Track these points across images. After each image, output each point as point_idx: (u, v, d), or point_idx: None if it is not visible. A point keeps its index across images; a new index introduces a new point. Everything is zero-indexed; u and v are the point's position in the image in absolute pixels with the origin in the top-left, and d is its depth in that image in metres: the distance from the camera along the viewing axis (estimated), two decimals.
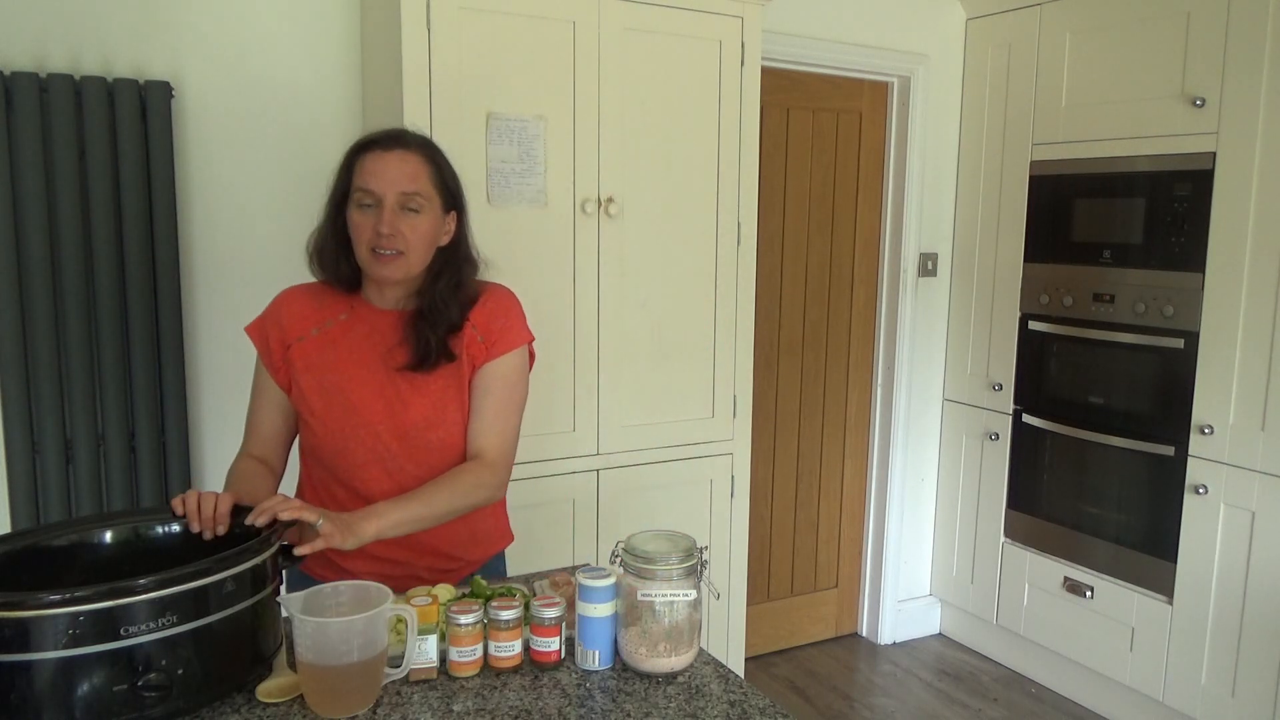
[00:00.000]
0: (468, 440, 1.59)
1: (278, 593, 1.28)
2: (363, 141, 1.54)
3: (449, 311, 1.55)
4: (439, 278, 1.56)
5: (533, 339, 1.65)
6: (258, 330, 1.61)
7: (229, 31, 2.40)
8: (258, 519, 1.30)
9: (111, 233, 2.24)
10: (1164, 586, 2.85)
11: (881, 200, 3.46)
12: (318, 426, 1.57)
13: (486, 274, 1.65)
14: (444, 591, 1.42)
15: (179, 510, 1.34)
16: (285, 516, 1.31)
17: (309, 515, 1.33)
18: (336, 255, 1.55)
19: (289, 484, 1.69)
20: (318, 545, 1.32)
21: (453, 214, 1.58)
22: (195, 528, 1.33)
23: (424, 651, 1.28)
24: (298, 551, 1.31)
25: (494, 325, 1.58)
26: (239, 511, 1.36)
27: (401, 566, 1.59)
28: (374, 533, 1.40)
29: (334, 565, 1.59)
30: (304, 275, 2.62)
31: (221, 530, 1.33)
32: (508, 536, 1.76)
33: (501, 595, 1.38)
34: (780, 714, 1.22)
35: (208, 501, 1.34)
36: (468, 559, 1.67)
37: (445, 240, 1.57)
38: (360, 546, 1.39)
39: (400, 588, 1.50)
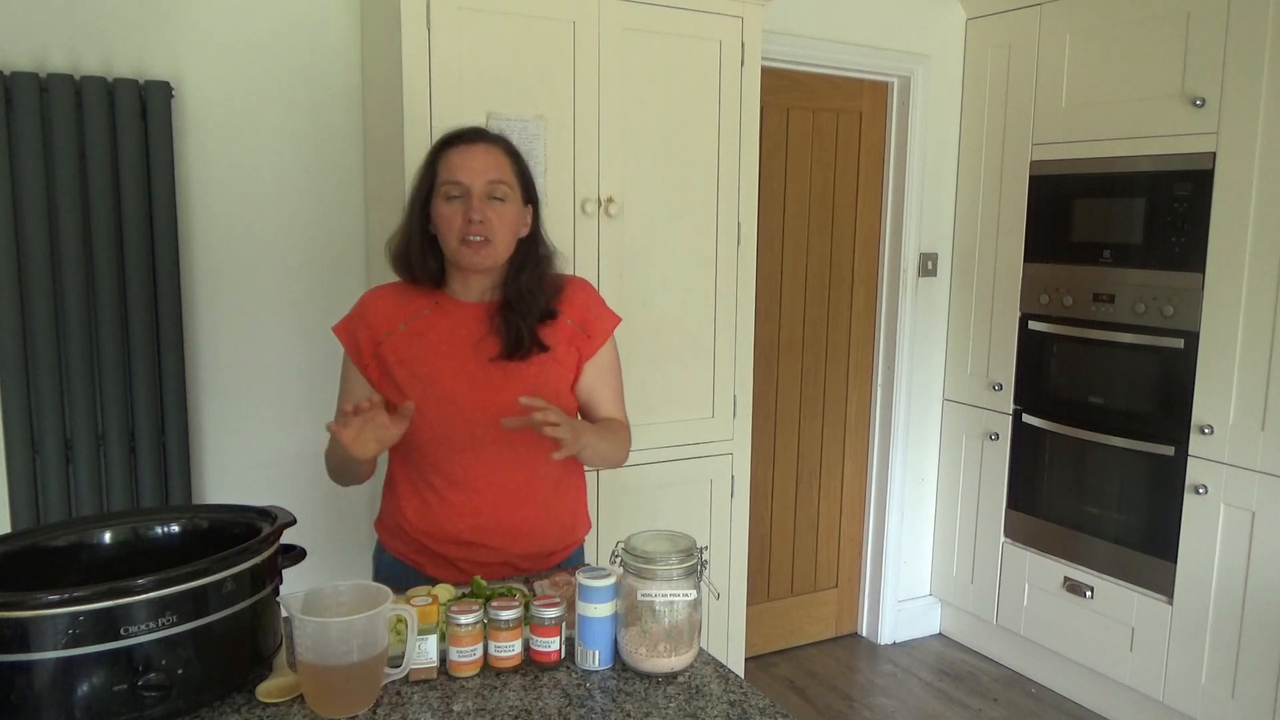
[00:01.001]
0: (598, 414, 1.71)
1: (277, 592, 1.28)
2: (446, 138, 1.61)
3: (537, 301, 1.62)
4: (522, 269, 1.63)
5: (620, 320, 1.74)
6: (346, 330, 1.68)
7: (229, 31, 2.40)
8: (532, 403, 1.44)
9: (111, 233, 2.24)
10: (1164, 586, 2.85)
11: (881, 200, 3.46)
12: (415, 416, 1.60)
13: (563, 268, 1.73)
14: (444, 591, 1.42)
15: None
16: (551, 418, 1.43)
17: (557, 423, 1.44)
18: (424, 250, 1.61)
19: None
20: (563, 453, 1.45)
21: (529, 207, 1.65)
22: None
23: (424, 651, 1.28)
24: (557, 455, 1.45)
25: (589, 316, 1.68)
26: (235, 511, 1.39)
27: (496, 553, 1.63)
28: (585, 442, 1.52)
29: (428, 550, 1.65)
30: (303, 275, 2.63)
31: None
32: (587, 523, 1.81)
33: (501, 595, 1.38)
34: (780, 714, 1.22)
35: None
36: (558, 546, 1.71)
37: (524, 232, 1.64)
38: (577, 452, 1.51)
39: (492, 575, 1.59)
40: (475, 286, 1.63)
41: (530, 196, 1.64)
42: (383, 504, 1.75)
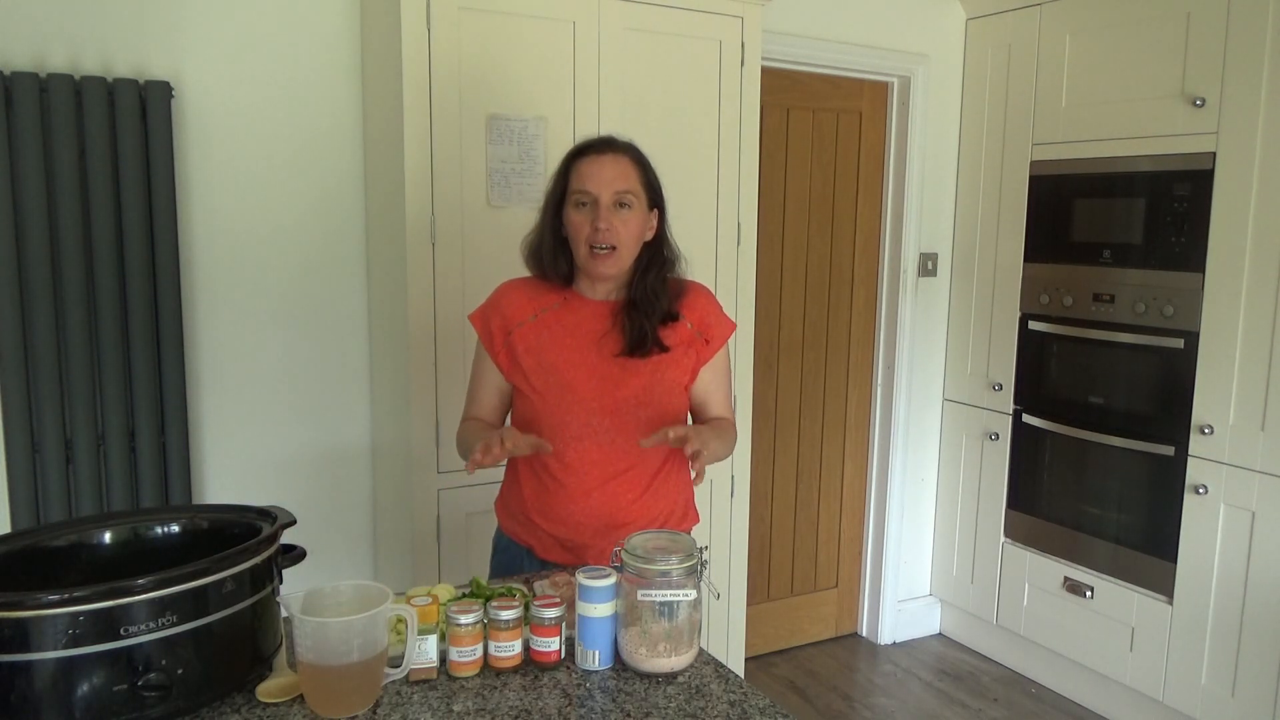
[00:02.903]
0: (709, 414, 1.80)
1: (277, 592, 1.28)
2: (578, 148, 1.72)
3: (660, 302, 1.71)
4: (648, 271, 1.72)
5: (735, 326, 1.86)
6: (480, 318, 1.78)
7: (229, 31, 2.40)
8: (670, 435, 1.55)
9: (111, 233, 2.24)
10: (1164, 586, 2.85)
11: (881, 200, 3.46)
12: (538, 401, 1.71)
13: (686, 272, 1.80)
14: (444, 591, 1.42)
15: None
16: (690, 437, 1.54)
17: (693, 441, 1.54)
18: (555, 252, 1.71)
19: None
20: (700, 466, 1.53)
21: (655, 211, 1.73)
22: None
23: (424, 651, 1.29)
24: (699, 482, 1.57)
25: (709, 322, 1.77)
26: (234, 511, 1.40)
27: (603, 534, 1.70)
28: (701, 442, 1.58)
29: (541, 531, 1.73)
30: (303, 275, 2.62)
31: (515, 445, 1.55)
32: (697, 516, 1.91)
33: (501, 595, 1.38)
34: (780, 714, 1.22)
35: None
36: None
37: (649, 236, 1.72)
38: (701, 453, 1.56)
39: (603, 561, 1.62)
40: (601, 287, 1.73)
41: (656, 201, 1.72)
42: (503, 484, 1.85)
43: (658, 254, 1.73)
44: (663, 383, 1.71)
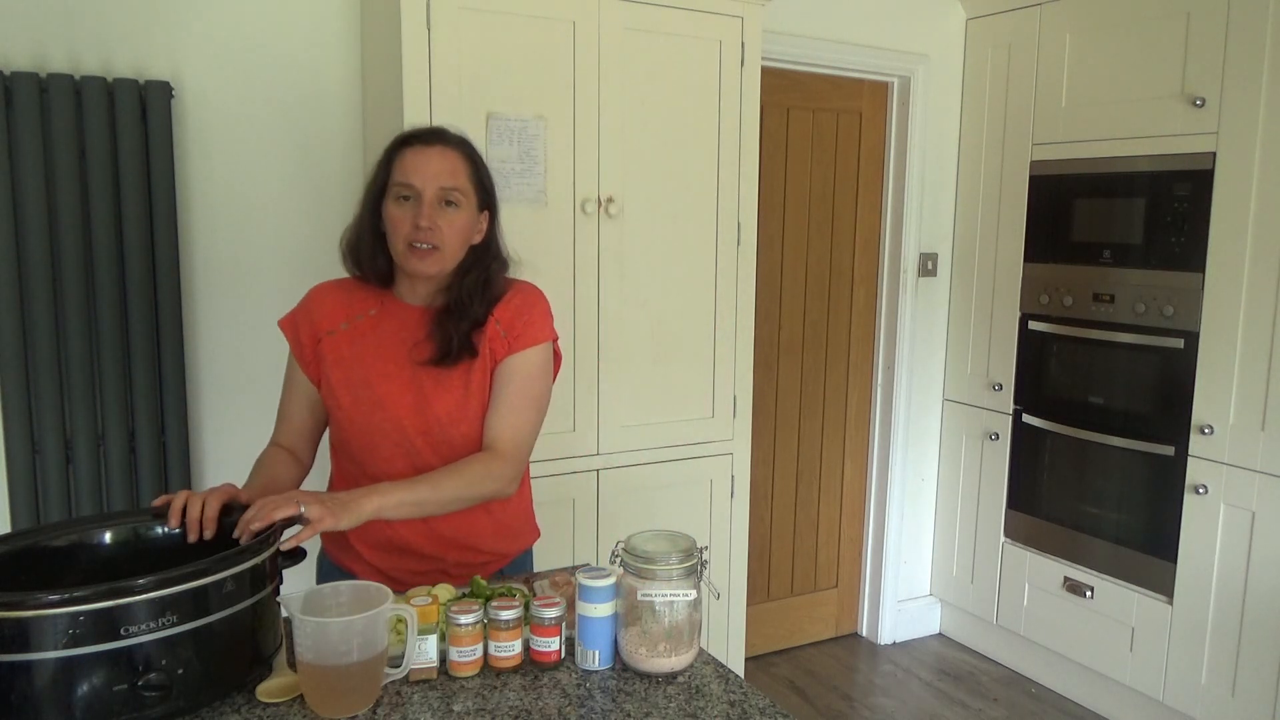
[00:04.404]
0: (484, 432, 1.59)
1: (278, 592, 1.28)
2: (403, 137, 1.56)
3: (473, 307, 1.56)
4: (467, 274, 1.57)
5: (556, 337, 1.66)
6: (290, 324, 1.64)
7: (229, 31, 2.40)
8: (241, 535, 1.26)
9: (111, 233, 2.24)
10: (1164, 586, 2.85)
11: (881, 200, 3.46)
12: (345, 420, 1.58)
13: (516, 272, 1.67)
14: (444, 591, 1.42)
15: (163, 510, 1.33)
16: (258, 526, 1.26)
17: (286, 510, 1.28)
18: (374, 249, 1.57)
19: (319, 478, 1.71)
20: (305, 535, 1.29)
21: (485, 213, 1.60)
22: (177, 528, 1.32)
23: (424, 651, 1.28)
24: (285, 546, 1.28)
25: (517, 321, 1.59)
26: (230, 510, 1.36)
27: (430, 561, 1.60)
28: (372, 510, 1.39)
29: (361, 559, 1.61)
30: (303, 275, 2.61)
31: (209, 533, 1.32)
32: (535, 533, 1.77)
33: (501, 595, 1.38)
34: (780, 714, 1.22)
35: (194, 504, 1.33)
36: (495, 552, 1.67)
37: (478, 239, 1.59)
38: (357, 524, 1.37)
39: (430, 582, 1.53)
40: (421, 290, 1.59)
41: (488, 202, 1.59)
42: None
43: (483, 257, 1.58)
44: (477, 395, 1.56)
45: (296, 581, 1.33)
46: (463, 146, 1.57)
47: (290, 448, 1.65)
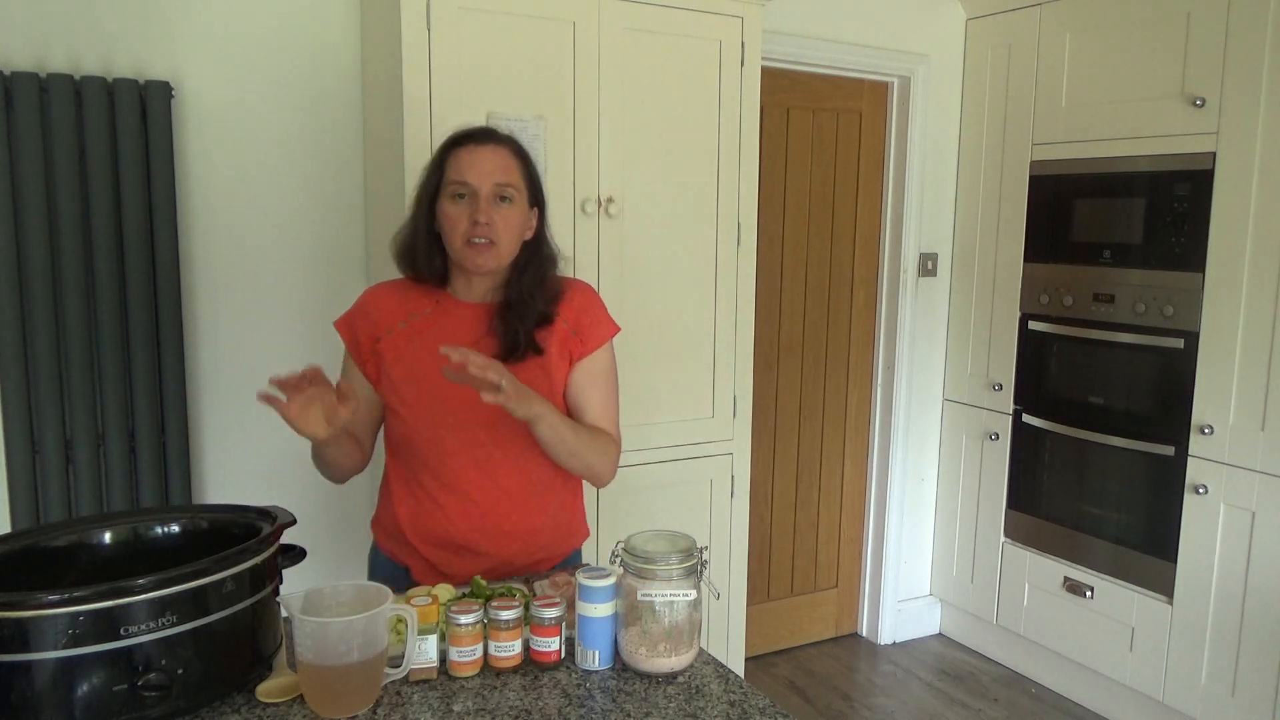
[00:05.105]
0: (583, 422, 1.65)
1: (277, 592, 1.28)
2: (454, 138, 1.60)
3: (535, 304, 1.60)
4: (524, 271, 1.61)
5: (619, 330, 1.71)
6: (346, 325, 1.68)
7: (229, 31, 2.40)
8: (455, 357, 1.37)
9: (111, 233, 2.24)
10: (1164, 586, 2.85)
11: (881, 200, 3.46)
12: (409, 416, 1.60)
13: (564, 270, 1.70)
14: (444, 591, 1.42)
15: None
16: (476, 370, 1.37)
17: (493, 375, 1.38)
18: (429, 249, 1.60)
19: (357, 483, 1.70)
20: (497, 401, 1.39)
21: (535, 209, 1.63)
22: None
23: (424, 651, 1.28)
24: (487, 396, 1.38)
25: (585, 320, 1.64)
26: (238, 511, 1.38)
27: (485, 558, 1.62)
28: (537, 414, 1.48)
29: (417, 553, 1.64)
30: (303, 275, 2.62)
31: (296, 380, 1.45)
32: (586, 531, 1.79)
33: (501, 595, 1.38)
34: (780, 714, 1.22)
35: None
36: (550, 549, 1.69)
37: (529, 235, 1.62)
38: (523, 419, 1.47)
39: (488, 577, 1.58)
40: (478, 287, 1.62)
41: (537, 199, 1.63)
42: (378, 503, 1.75)
43: (536, 253, 1.63)
44: (540, 390, 1.58)
45: (295, 581, 1.33)
46: (512, 144, 1.61)
47: (350, 434, 1.67)
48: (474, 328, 1.60)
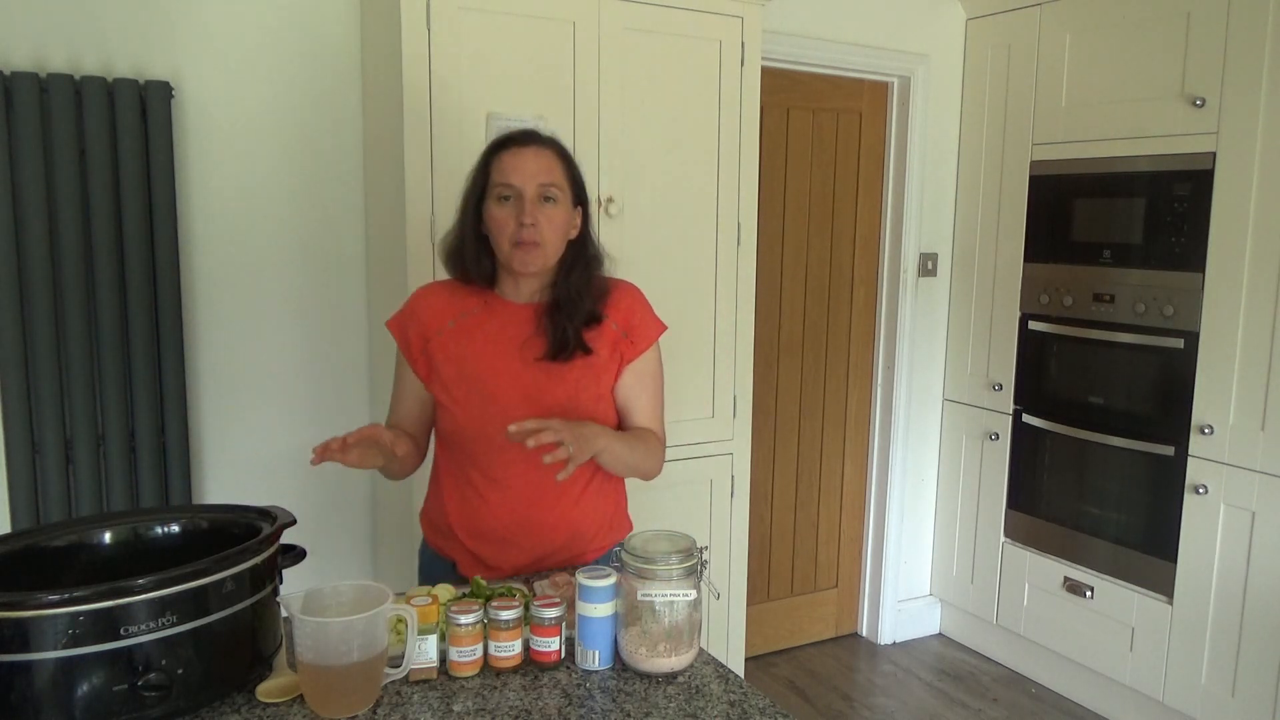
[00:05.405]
0: (632, 422, 1.70)
1: (277, 592, 1.28)
2: (498, 141, 1.63)
3: (583, 303, 1.63)
4: (571, 271, 1.64)
5: (666, 328, 1.74)
6: (397, 325, 1.71)
7: (229, 31, 2.40)
8: (520, 431, 1.44)
9: (111, 233, 2.24)
10: (1164, 586, 2.85)
11: (881, 200, 3.46)
12: (459, 413, 1.63)
13: (612, 270, 1.73)
14: (444, 591, 1.42)
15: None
16: (547, 436, 1.43)
17: (550, 436, 1.43)
18: (477, 251, 1.63)
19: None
20: (570, 469, 1.46)
21: (579, 209, 1.66)
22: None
23: (424, 651, 1.28)
24: (560, 477, 1.47)
25: (633, 321, 1.68)
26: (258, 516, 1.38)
27: (529, 552, 1.65)
28: (600, 448, 1.54)
29: (464, 547, 1.67)
30: (303, 275, 2.62)
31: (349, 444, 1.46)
32: (629, 525, 1.82)
33: (501, 595, 1.38)
34: (780, 714, 1.22)
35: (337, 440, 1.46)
36: (594, 544, 1.72)
37: (573, 234, 1.65)
38: (586, 459, 1.52)
39: (529, 570, 1.61)
40: (525, 288, 1.65)
41: (580, 198, 1.66)
42: (427, 496, 1.79)
43: (582, 253, 1.65)
44: (589, 390, 1.63)
45: (295, 581, 1.33)
46: (554, 145, 1.64)
47: (405, 430, 1.72)
48: (522, 327, 1.64)
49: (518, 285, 1.65)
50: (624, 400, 1.69)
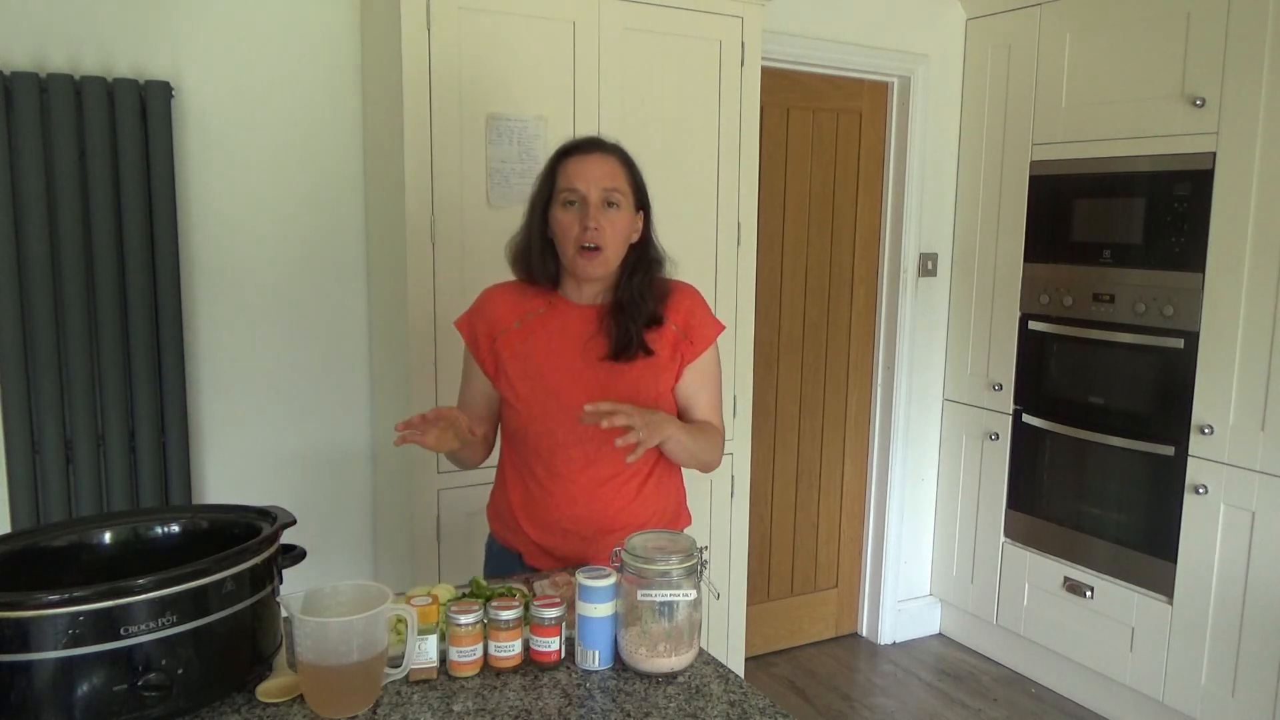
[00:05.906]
0: (693, 418, 1.76)
1: (277, 593, 1.28)
2: (564, 148, 1.69)
3: (646, 305, 1.69)
4: (633, 274, 1.69)
5: (724, 327, 1.79)
6: (466, 324, 1.77)
7: (229, 31, 2.40)
8: (596, 411, 1.51)
9: (111, 233, 2.24)
10: (1164, 586, 2.85)
11: (881, 200, 3.46)
12: (523, 409, 1.70)
13: (672, 272, 1.78)
14: (444, 591, 1.42)
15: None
16: (619, 420, 1.50)
17: (622, 420, 1.50)
18: (543, 254, 1.69)
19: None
20: (640, 451, 1.53)
21: (641, 213, 1.71)
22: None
23: (424, 651, 1.29)
24: (630, 459, 1.56)
25: (693, 322, 1.73)
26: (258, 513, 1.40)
27: (592, 542, 1.70)
28: (666, 436, 1.60)
29: (528, 538, 1.73)
30: (303, 275, 2.62)
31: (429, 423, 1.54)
32: (688, 517, 1.88)
33: (501, 595, 1.38)
34: (780, 714, 1.23)
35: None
36: None
37: (635, 238, 1.70)
38: (659, 443, 1.59)
39: (593, 561, 1.63)
40: (588, 290, 1.70)
41: (642, 203, 1.70)
42: (493, 491, 1.84)
43: (644, 256, 1.71)
44: (650, 388, 1.69)
45: (295, 581, 1.33)
46: (618, 152, 1.69)
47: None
48: (585, 328, 1.69)
49: (581, 287, 1.70)
50: (685, 398, 1.75)
